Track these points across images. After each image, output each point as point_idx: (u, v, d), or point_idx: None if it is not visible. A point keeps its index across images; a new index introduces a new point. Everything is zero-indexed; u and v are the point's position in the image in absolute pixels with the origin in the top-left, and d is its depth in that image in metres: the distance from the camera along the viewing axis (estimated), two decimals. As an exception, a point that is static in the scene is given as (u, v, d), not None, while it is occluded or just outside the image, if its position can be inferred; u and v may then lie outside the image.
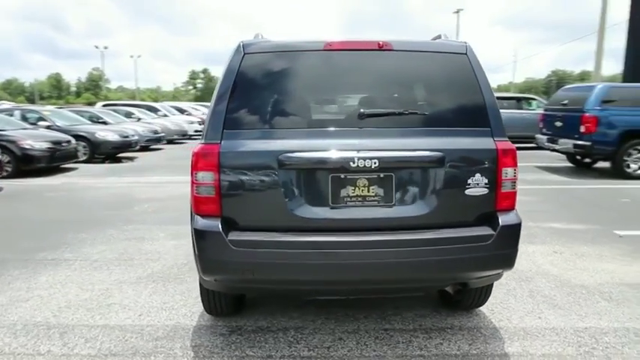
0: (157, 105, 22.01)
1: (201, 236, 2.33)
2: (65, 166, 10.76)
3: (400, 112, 2.40)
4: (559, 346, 2.75)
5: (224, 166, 2.32)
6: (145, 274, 3.97)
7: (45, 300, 3.41)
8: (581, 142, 9.17)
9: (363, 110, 2.36)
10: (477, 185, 2.38)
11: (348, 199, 2.34)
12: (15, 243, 4.84)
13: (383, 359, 2.61)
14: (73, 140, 10.88)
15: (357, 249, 2.25)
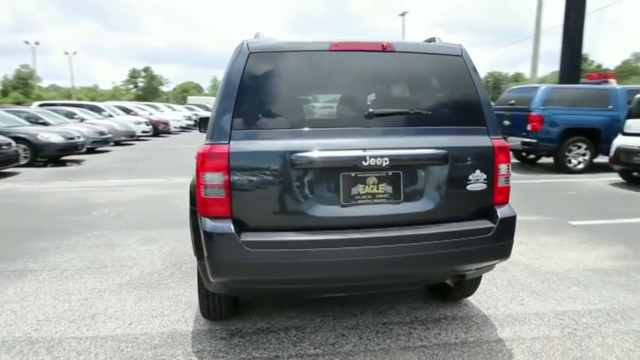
0: (100, 105, 20.89)
1: (212, 238, 2.28)
2: (5, 171, 10.00)
3: (406, 112, 2.48)
4: (545, 329, 2.95)
5: (234, 167, 2.29)
6: (124, 281, 3.80)
7: (19, 314, 3.18)
8: (528, 140, 9.82)
9: (371, 110, 2.41)
10: (477, 181, 2.51)
11: (358, 197, 2.39)
12: (-32, 255, 4.45)
13: (388, 352, 2.68)
14: (13, 143, 10.12)
15: (373, 245, 2.30)
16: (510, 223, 2.55)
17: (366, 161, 2.32)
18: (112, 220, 5.92)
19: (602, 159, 10.02)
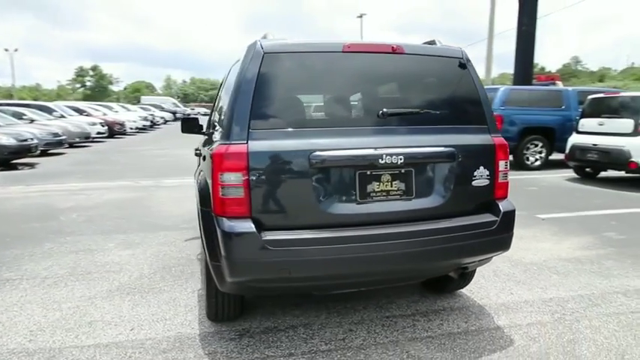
0: (50, 105, 19.80)
1: (232, 238, 2.27)
2: (-48, 176, 9.32)
3: (416, 111, 2.57)
4: (537, 316, 3.14)
5: (253, 167, 2.29)
6: (114, 287, 3.68)
7: (7, 325, 3.01)
8: (490, 139, 10.27)
9: (385, 109, 2.49)
10: (481, 177, 2.65)
11: (373, 194, 2.46)
12: None
13: (397, 344, 2.77)
14: (-39, 145, 9.45)
15: (392, 240, 2.38)
16: (511, 216, 2.71)
17: (383, 159, 2.40)
18: (83, 225, 5.68)
19: (556, 156, 10.68)
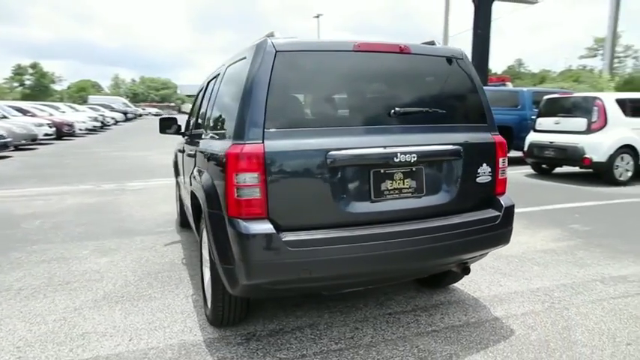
0: (-10, 105, 18.47)
1: (251, 240, 2.22)
2: None
3: (425, 110, 2.62)
4: (529, 305, 3.29)
5: (270, 167, 2.25)
6: (99, 296, 3.49)
7: (-11, 342, 2.79)
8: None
9: (397, 108, 2.52)
10: (484, 174, 2.75)
11: (387, 192, 2.48)
12: None
13: (405, 339, 2.81)
14: None
15: (407, 237, 2.41)
16: (511, 210, 2.83)
17: (397, 158, 2.43)
18: (50, 232, 5.35)
19: (513, 154, 11.20)
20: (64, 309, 3.27)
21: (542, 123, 9.14)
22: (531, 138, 9.31)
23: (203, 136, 3.17)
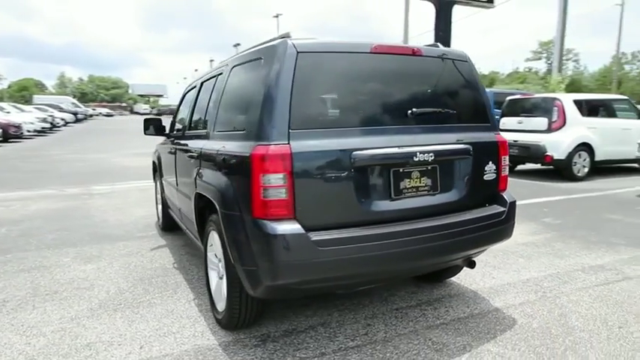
0: None
1: (279, 240, 2.22)
2: None
3: (439, 111, 2.71)
4: (524, 295, 3.47)
5: (297, 167, 2.26)
6: (94, 305, 3.35)
7: (-15, 358, 2.62)
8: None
9: (415, 109, 2.59)
10: (490, 171, 2.88)
11: (405, 190, 2.55)
12: None
13: (417, 333, 2.89)
14: None
15: (427, 234, 2.48)
16: (514, 206, 2.97)
17: (417, 157, 2.50)
18: (20, 240, 5.05)
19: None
20: (59, 319, 3.11)
21: (506, 123, 9.59)
22: (496, 137, 9.73)
23: (210, 137, 3.11)
